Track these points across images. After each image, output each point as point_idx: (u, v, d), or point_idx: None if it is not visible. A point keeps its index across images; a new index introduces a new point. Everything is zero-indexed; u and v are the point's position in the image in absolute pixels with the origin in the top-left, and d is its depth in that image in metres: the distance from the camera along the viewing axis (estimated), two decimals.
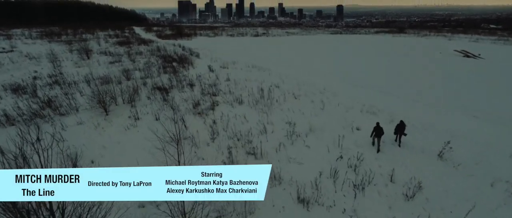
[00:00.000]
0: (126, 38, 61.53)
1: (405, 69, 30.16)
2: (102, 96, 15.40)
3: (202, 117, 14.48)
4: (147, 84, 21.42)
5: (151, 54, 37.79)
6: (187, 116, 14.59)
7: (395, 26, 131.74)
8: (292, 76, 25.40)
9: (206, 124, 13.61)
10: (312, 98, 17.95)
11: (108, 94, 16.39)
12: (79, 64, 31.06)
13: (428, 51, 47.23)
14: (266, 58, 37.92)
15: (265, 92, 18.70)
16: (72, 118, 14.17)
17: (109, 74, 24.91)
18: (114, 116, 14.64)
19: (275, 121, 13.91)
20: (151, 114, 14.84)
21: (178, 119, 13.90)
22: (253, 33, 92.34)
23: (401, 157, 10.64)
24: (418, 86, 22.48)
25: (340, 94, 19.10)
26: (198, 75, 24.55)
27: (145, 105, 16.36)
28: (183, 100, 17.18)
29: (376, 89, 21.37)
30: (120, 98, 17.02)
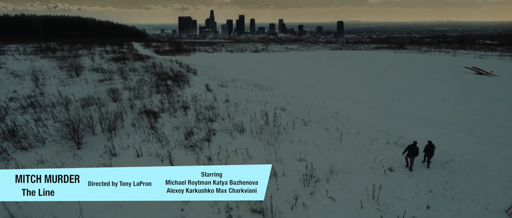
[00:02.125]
0: (122, 54, 59.58)
1: (420, 89, 27.67)
2: (75, 125, 12.75)
3: (195, 151, 11.78)
4: (135, 107, 18.83)
5: (145, 71, 35.45)
6: (176, 150, 11.89)
7: (395, 42, 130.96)
8: (298, 96, 22.87)
9: (199, 162, 10.91)
10: (325, 125, 15.30)
11: (85, 121, 13.76)
12: (65, 82, 28.58)
13: (437, 68, 44.98)
14: (268, 75, 35.60)
15: (270, 118, 16.08)
16: (33, 154, 11.45)
17: (94, 95, 22.39)
18: (86, 151, 11.94)
19: (285, 158, 11.20)
20: (132, 148, 12.14)
21: (165, 156, 11.20)
22: (252, 49, 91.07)
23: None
24: (442, 109, 19.87)
25: (356, 120, 16.47)
26: (194, 95, 22.01)
27: (128, 135, 13.68)
28: (173, 129, 14.52)
29: (394, 112, 18.77)
30: (100, 126, 14.37)
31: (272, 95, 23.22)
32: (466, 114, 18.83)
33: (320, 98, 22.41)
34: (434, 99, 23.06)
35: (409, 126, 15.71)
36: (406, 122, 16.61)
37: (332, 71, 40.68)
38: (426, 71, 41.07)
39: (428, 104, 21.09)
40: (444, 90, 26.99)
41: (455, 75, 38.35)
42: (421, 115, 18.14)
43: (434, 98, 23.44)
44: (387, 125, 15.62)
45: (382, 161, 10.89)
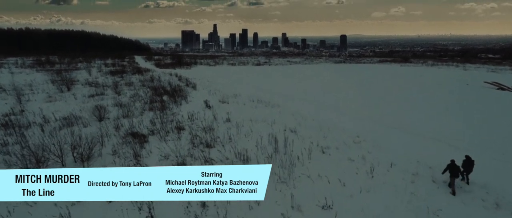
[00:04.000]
0: (122, 67, 57.72)
1: (443, 106, 24.89)
2: (38, 154, 10.12)
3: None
4: (122, 127, 16.21)
5: (142, 85, 33.07)
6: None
7: (398, 56, 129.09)
8: (308, 114, 20.19)
9: (189, 214, 8.14)
10: (348, 153, 12.53)
11: (53, 149, 11.12)
12: (52, 98, 26.16)
13: (452, 83, 42.29)
14: (272, 89, 33.08)
15: (279, 143, 13.34)
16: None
17: (80, 113, 19.87)
18: None
19: (304, 204, 8.42)
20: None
21: (143, 203, 8.44)
22: (254, 62, 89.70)
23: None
24: (481, 132, 17.03)
25: (384, 145, 13.68)
26: (191, 113, 19.37)
27: (104, 167, 10.96)
28: (162, 158, 11.83)
29: (424, 135, 15.97)
30: (72, 155, 11.69)
31: (279, 113, 20.57)
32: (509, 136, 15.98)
33: (334, 117, 19.71)
34: (466, 119, 20.22)
35: (449, 153, 12.86)
36: (442, 147, 13.79)
37: (341, 85, 38.05)
38: (443, 86, 38.37)
39: (459, 125, 18.27)
40: (472, 108, 24.21)
41: (476, 90, 35.56)
42: (455, 138, 15.31)
43: (464, 117, 20.62)
44: (423, 153, 12.79)
45: (438, 212, 8.04)
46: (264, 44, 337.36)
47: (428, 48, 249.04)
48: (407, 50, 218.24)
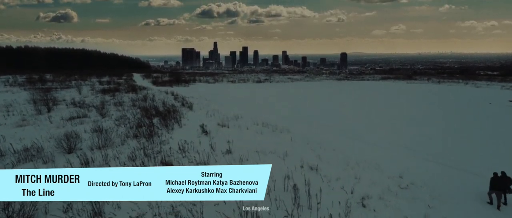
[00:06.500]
0: (117, 85, 54.69)
1: (479, 131, 21.35)
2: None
3: None
4: (93, 163, 12.56)
5: (132, 105, 29.63)
6: None
7: (399, 73, 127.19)
8: (327, 143, 16.62)
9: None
10: (398, 206, 8.83)
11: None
12: (26, 121, 22.64)
13: (472, 102, 38.96)
14: (278, 109, 29.74)
15: (300, 190, 9.65)
16: None
17: (47, 141, 16.27)
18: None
19: None
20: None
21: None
22: (255, 79, 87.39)
23: None
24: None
25: (444, 191, 9.99)
26: (183, 142, 15.72)
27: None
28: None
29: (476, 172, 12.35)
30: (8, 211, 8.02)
31: (291, 141, 17.01)
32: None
33: (359, 147, 16.11)
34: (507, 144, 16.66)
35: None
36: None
37: (351, 105, 34.62)
38: (466, 106, 34.98)
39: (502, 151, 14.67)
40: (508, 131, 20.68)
41: (504, 110, 32.13)
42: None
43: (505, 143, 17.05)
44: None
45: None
46: (265, 62, 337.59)
47: (428, 66, 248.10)
48: (407, 68, 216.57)
